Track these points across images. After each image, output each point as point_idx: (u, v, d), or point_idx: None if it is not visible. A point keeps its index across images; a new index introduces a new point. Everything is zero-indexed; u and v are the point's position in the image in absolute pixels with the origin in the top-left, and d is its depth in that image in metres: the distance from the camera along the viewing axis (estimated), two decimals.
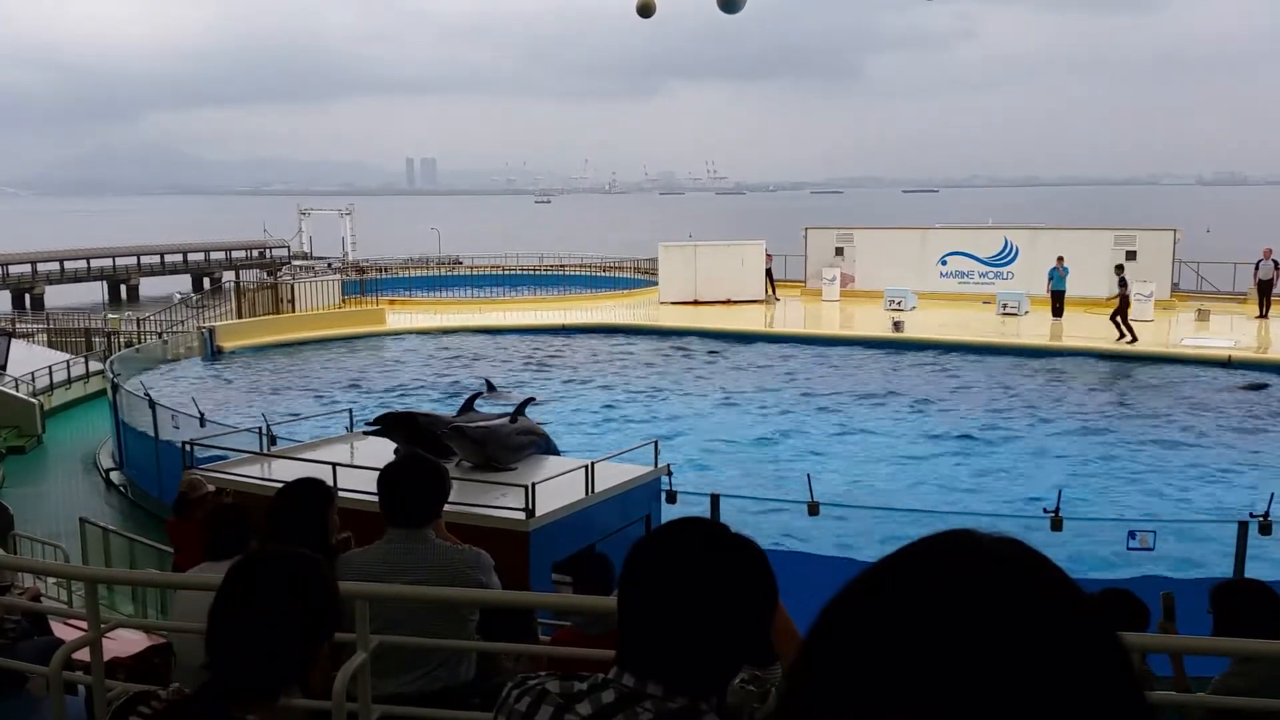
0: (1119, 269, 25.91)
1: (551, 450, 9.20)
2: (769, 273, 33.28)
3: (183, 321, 30.65)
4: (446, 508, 4.20)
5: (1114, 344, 23.94)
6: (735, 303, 32.09)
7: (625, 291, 36.02)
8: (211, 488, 7.49)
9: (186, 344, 26.45)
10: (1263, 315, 27.11)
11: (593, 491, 7.77)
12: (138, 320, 32.24)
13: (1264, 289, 27.36)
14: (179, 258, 61.47)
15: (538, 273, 41.49)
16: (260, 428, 12.42)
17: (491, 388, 20.78)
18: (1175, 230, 30.84)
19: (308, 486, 4.62)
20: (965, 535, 0.72)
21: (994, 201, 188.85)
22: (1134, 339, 24.03)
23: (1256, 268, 28.02)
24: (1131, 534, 9.80)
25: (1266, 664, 3.97)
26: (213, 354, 25.52)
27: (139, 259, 59.36)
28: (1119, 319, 24.40)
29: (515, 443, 8.53)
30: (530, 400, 10.28)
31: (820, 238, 34.85)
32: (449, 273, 42.36)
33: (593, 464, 7.98)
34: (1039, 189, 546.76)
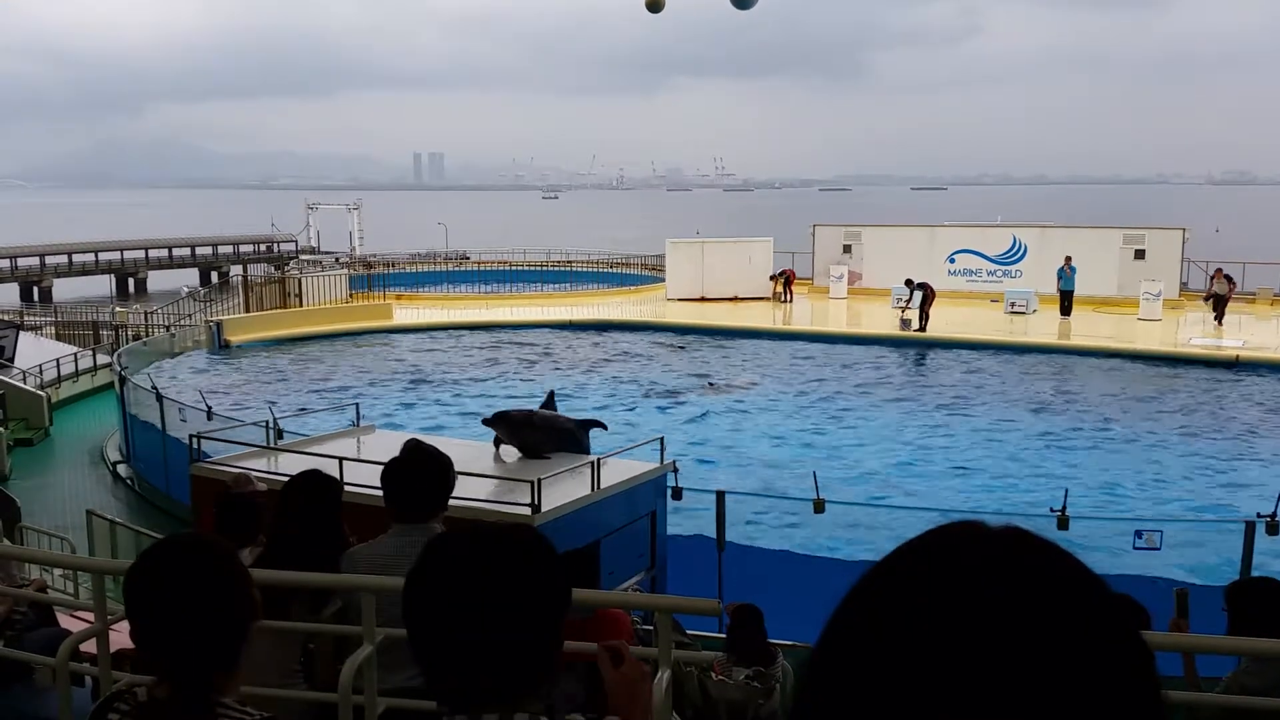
0: (909, 282, 26.77)
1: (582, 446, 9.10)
2: (790, 281, 32.77)
3: (190, 315, 30.72)
4: (452, 503, 4.19)
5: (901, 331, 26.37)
6: (742, 299, 32.09)
7: (632, 288, 35.96)
8: (263, 485, 7.41)
9: (194, 337, 26.52)
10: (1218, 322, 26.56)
11: (599, 487, 7.75)
12: (145, 314, 32.37)
13: (1219, 303, 26.90)
14: (187, 251, 61.67)
15: (545, 268, 41.49)
16: (267, 421, 12.42)
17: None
18: (1184, 229, 30.77)
19: (315, 480, 4.61)
20: (972, 526, 0.71)
21: (1003, 199, 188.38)
22: (914, 328, 26.20)
23: (1209, 284, 27.66)
24: (1138, 533, 9.75)
25: (1279, 664, 3.94)
26: (220, 348, 25.59)
27: (147, 252, 59.50)
28: (926, 310, 26.12)
29: (560, 425, 8.59)
30: (552, 395, 10.24)
31: (828, 235, 34.81)
32: (456, 268, 42.40)
33: (599, 460, 7.96)
34: (1048, 187, 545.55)
